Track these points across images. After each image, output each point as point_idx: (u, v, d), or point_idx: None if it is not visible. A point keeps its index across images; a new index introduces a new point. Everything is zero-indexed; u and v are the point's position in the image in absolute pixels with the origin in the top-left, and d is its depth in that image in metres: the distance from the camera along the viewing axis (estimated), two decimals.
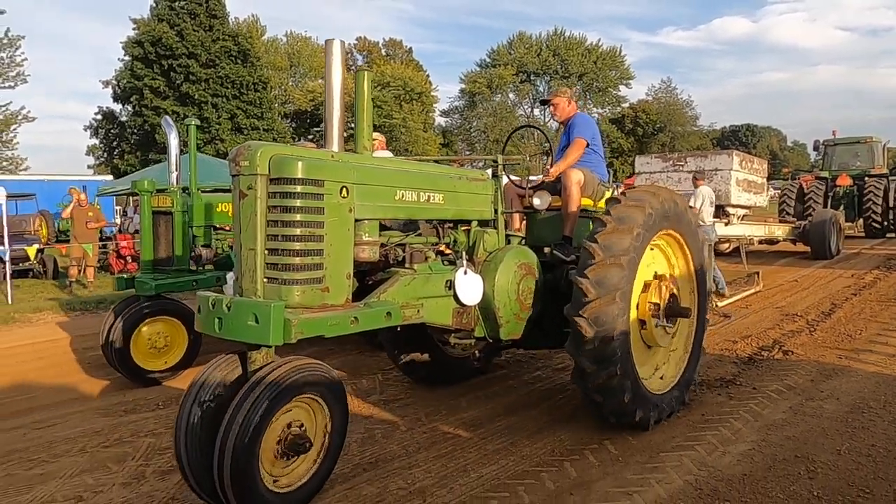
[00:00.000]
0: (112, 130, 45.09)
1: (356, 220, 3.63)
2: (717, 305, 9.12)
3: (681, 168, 13.57)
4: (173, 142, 6.91)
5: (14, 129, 36.35)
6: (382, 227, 4.05)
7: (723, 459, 4.15)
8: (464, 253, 4.32)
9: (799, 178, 21.39)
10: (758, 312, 9.13)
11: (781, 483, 3.81)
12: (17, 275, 13.20)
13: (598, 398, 4.36)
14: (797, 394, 5.39)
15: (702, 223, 10.09)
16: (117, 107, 44.27)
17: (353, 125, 4.08)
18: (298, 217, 3.33)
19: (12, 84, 36.13)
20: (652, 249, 4.81)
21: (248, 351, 3.37)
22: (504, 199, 4.81)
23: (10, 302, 11.08)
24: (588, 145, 5.44)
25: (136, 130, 41.06)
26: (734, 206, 13.01)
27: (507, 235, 4.75)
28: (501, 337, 4.43)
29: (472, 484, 3.87)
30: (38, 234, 16.47)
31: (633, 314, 4.54)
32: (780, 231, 15.48)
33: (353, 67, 61.80)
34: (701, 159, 13.59)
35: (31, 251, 13.31)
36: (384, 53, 63.14)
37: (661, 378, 4.97)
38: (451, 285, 4.11)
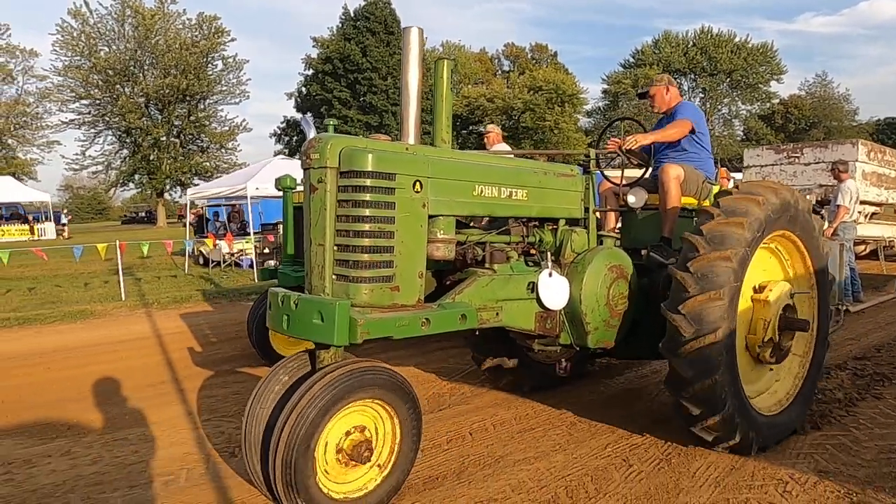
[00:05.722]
0: (295, 138, 47.92)
1: (430, 216, 3.06)
2: (848, 311, 7.40)
3: (796, 160, 11.31)
4: None
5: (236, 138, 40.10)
6: (461, 225, 3.44)
7: None
8: (549, 254, 3.57)
9: None
10: None
11: None
12: None
13: (693, 410, 3.39)
14: None
15: (845, 221, 8.36)
16: (299, 115, 46.91)
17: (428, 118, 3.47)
18: (368, 212, 2.83)
19: (237, 100, 39.87)
20: (763, 252, 3.81)
21: (318, 350, 2.95)
22: (599, 196, 3.98)
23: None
24: (693, 132, 4.39)
25: None
26: (861, 202, 10.63)
27: (601, 236, 3.90)
28: (589, 345, 3.62)
29: None
30: None
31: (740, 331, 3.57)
32: None
33: (499, 72, 60.86)
34: (820, 150, 11.18)
35: None
36: (530, 58, 61.40)
37: (772, 397, 3.92)
38: (534, 288, 3.42)
